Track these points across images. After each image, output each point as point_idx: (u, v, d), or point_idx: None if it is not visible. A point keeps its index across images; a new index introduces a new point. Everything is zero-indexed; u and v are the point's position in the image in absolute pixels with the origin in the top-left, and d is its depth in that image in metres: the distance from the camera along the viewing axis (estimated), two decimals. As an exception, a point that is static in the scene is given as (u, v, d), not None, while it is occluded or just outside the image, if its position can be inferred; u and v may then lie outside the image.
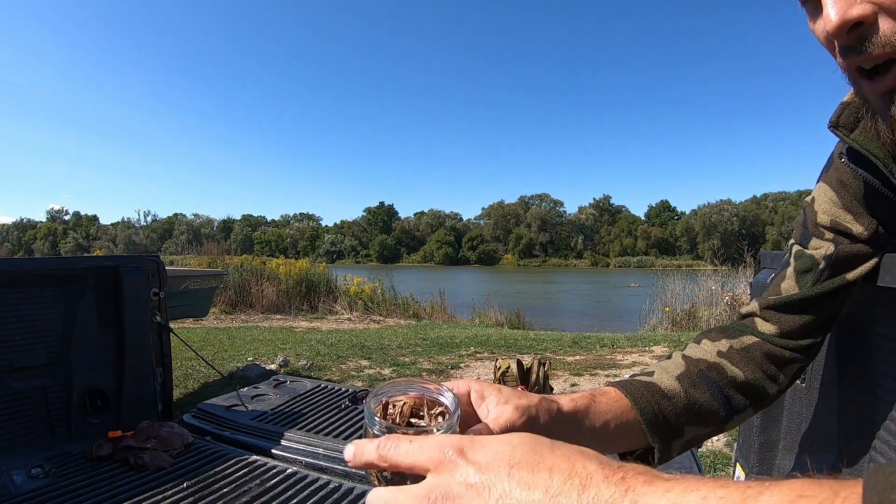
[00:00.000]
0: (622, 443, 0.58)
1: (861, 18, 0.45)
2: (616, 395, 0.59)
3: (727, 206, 67.71)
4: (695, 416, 0.61)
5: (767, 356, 0.66)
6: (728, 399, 0.63)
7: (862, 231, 0.63)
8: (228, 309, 8.47)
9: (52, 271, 1.83)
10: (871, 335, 0.73)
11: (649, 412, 0.58)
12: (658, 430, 0.58)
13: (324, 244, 78.25)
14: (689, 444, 0.62)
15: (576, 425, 0.53)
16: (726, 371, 0.64)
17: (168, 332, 2.06)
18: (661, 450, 0.59)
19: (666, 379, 0.62)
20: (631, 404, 0.58)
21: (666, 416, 0.59)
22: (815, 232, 0.67)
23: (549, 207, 78.76)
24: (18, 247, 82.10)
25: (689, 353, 0.67)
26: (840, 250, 0.64)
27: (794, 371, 0.68)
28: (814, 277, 0.65)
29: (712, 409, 0.62)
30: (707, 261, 37.28)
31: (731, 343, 0.66)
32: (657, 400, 0.60)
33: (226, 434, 1.79)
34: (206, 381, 3.84)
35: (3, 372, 1.65)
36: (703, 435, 0.63)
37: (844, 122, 0.62)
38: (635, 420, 0.58)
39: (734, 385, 0.64)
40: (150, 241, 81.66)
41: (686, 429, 0.61)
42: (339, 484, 1.46)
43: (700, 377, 0.63)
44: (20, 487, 1.40)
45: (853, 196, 0.64)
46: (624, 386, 0.60)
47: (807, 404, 0.88)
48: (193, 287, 5.04)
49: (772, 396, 0.67)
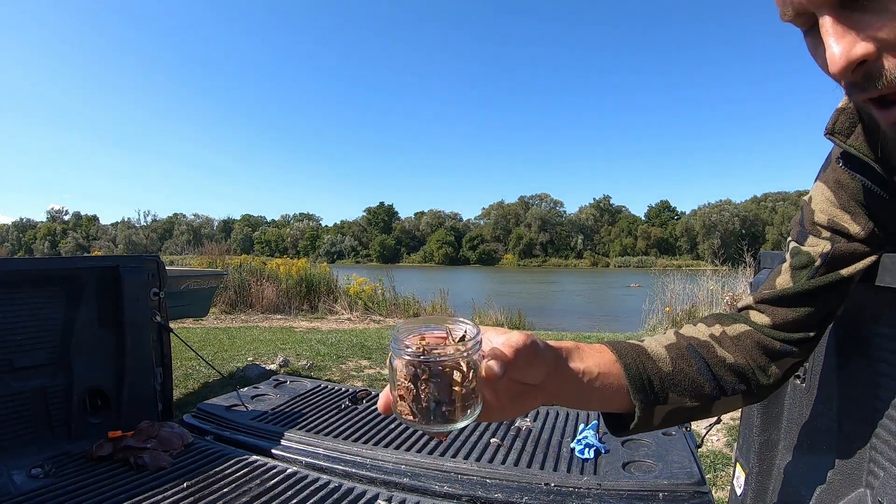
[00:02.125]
0: (604, 397, 0.59)
1: (865, 57, 0.45)
2: (600, 348, 0.60)
3: (727, 206, 67.71)
4: (679, 385, 0.61)
5: (758, 345, 0.66)
6: (716, 377, 0.63)
7: (859, 231, 0.64)
8: (228, 309, 8.46)
9: (52, 271, 1.83)
10: (871, 335, 0.73)
11: (633, 368, 0.59)
12: (640, 389, 0.59)
13: (324, 244, 78.25)
14: (672, 414, 0.62)
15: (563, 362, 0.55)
16: (716, 351, 0.65)
17: (168, 332, 2.06)
18: (641, 411, 0.59)
19: (654, 345, 0.63)
20: (616, 358, 0.59)
21: (650, 377, 0.60)
22: (812, 230, 0.67)
23: (549, 207, 78.75)
24: (18, 247, 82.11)
25: (682, 331, 0.68)
26: (836, 248, 0.64)
27: (788, 366, 0.68)
28: (809, 273, 0.65)
29: (698, 383, 0.62)
30: (707, 261, 37.31)
31: (724, 329, 0.67)
32: (643, 360, 0.60)
33: (226, 434, 1.79)
34: (206, 381, 3.84)
35: (3, 372, 1.65)
36: (688, 408, 0.62)
37: (840, 129, 0.63)
38: (619, 374, 0.58)
39: (723, 366, 0.64)
40: (150, 241, 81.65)
41: (670, 395, 0.61)
42: (339, 484, 1.46)
43: (689, 350, 0.64)
44: (20, 487, 1.40)
45: (850, 196, 0.64)
46: (610, 342, 0.62)
47: (807, 404, 0.88)
48: (193, 287, 5.04)
49: (764, 388, 0.67)
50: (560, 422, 1.89)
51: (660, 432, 1.67)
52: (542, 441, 1.70)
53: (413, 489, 1.44)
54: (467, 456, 1.58)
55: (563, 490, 1.39)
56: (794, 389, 0.92)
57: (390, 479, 1.47)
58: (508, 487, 1.42)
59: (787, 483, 0.89)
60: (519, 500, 1.37)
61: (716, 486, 2.30)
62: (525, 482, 1.43)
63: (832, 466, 0.75)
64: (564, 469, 1.50)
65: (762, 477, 0.97)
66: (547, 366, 0.52)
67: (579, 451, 1.60)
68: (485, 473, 1.47)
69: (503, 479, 1.45)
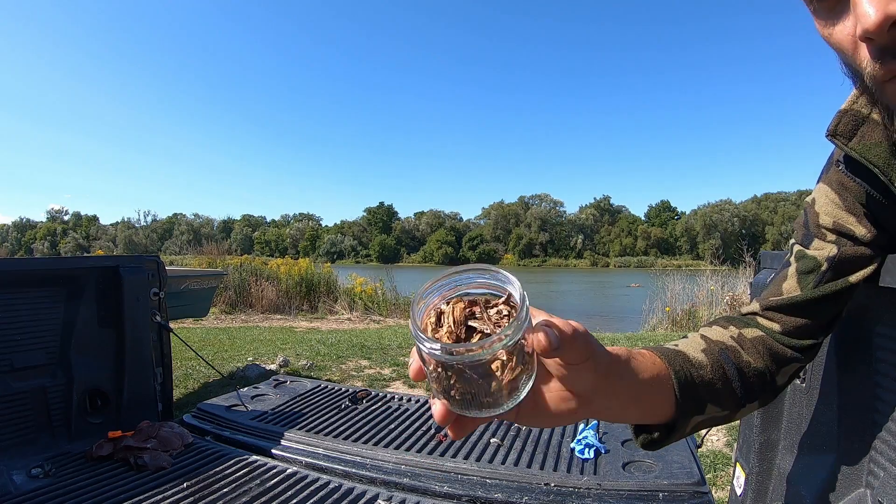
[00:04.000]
0: (647, 408, 0.54)
1: None
2: (651, 357, 0.55)
3: (727, 206, 67.71)
4: (717, 394, 0.59)
5: (770, 352, 0.64)
6: (744, 384, 0.61)
7: (865, 233, 0.63)
8: (228, 309, 8.46)
9: (52, 271, 1.83)
10: (871, 335, 0.73)
11: (682, 376, 0.55)
12: (686, 399, 0.55)
13: (324, 244, 78.24)
14: (702, 424, 0.60)
15: (614, 371, 0.49)
16: (742, 356, 0.62)
17: (168, 332, 2.06)
18: (679, 422, 0.56)
19: (692, 351, 0.60)
20: (666, 366, 0.55)
21: (696, 385, 0.56)
22: (817, 233, 0.66)
23: (549, 207, 78.74)
24: (18, 247, 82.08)
25: (706, 334, 0.65)
26: (843, 252, 0.63)
27: (792, 372, 0.67)
28: (816, 279, 0.64)
29: (731, 389, 0.60)
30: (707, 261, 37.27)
31: (740, 331, 0.65)
32: (688, 367, 0.57)
33: (226, 434, 1.79)
34: (206, 381, 3.84)
35: (3, 372, 1.65)
36: (718, 417, 0.60)
37: (842, 131, 0.61)
38: (668, 383, 0.54)
39: (749, 370, 0.62)
40: (150, 241, 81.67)
41: (707, 406, 0.58)
42: (339, 484, 1.46)
43: (722, 356, 0.61)
44: (20, 487, 1.40)
45: (855, 198, 0.63)
46: (656, 349, 0.58)
47: (807, 404, 0.88)
48: (193, 287, 5.04)
49: (772, 394, 0.66)
50: (560, 422, 1.89)
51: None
52: (542, 441, 1.70)
53: (413, 489, 1.44)
54: (467, 456, 1.58)
55: (563, 490, 1.39)
56: (794, 389, 0.92)
57: (390, 479, 1.47)
58: (508, 487, 1.42)
59: (787, 483, 0.89)
60: (519, 500, 1.37)
61: (716, 486, 2.30)
62: (525, 482, 1.43)
63: (832, 466, 0.75)
64: (564, 469, 1.50)
65: (762, 477, 0.97)
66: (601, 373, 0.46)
67: (579, 451, 1.60)
68: (485, 473, 1.47)
69: (503, 479, 1.45)
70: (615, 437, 1.70)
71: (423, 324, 0.38)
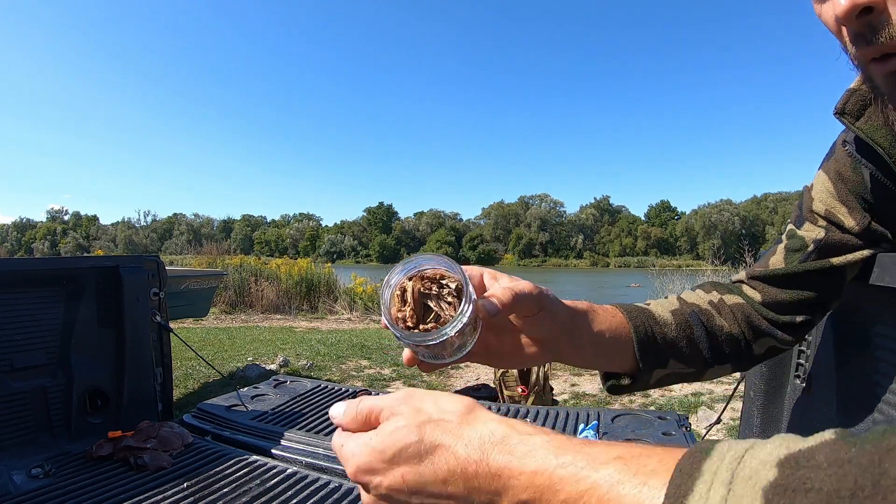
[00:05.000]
0: (609, 357, 0.60)
1: (871, 3, 0.44)
2: (613, 311, 0.61)
3: (727, 206, 67.76)
4: (680, 351, 0.63)
5: (747, 320, 0.67)
6: (714, 346, 0.65)
7: (854, 225, 0.64)
8: (228, 309, 8.47)
9: (52, 271, 1.83)
10: (871, 335, 0.73)
11: (642, 332, 0.60)
12: (646, 353, 0.60)
13: (324, 244, 78.25)
14: (666, 378, 0.64)
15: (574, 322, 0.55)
16: (715, 320, 0.66)
17: (168, 332, 2.06)
18: (643, 373, 0.61)
19: (660, 310, 0.64)
20: (627, 321, 0.60)
21: (656, 342, 0.61)
22: (809, 217, 0.68)
23: (549, 207, 78.79)
24: (18, 247, 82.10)
25: (684, 296, 0.69)
26: (829, 237, 0.65)
27: (766, 348, 0.69)
28: (801, 257, 0.67)
29: (697, 350, 0.64)
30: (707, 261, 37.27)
31: (721, 296, 0.69)
32: (651, 324, 0.61)
33: (226, 434, 1.79)
34: (206, 381, 3.84)
35: (3, 372, 1.65)
36: (682, 374, 0.65)
37: (850, 110, 0.62)
38: (628, 337, 0.60)
39: (721, 334, 0.66)
40: (150, 241, 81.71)
41: (670, 362, 0.62)
42: (339, 484, 1.46)
43: (692, 317, 0.65)
44: (20, 487, 1.40)
45: (850, 189, 0.65)
46: (621, 305, 0.63)
47: (807, 404, 0.88)
48: (193, 287, 5.04)
49: (748, 362, 0.69)
50: (560, 421, 1.89)
51: (660, 433, 1.67)
52: (542, 441, 1.69)
53: (413, 489, 1.44)
54: (467, 456, 1.58)
55: (563, 490, 1.39)
56: (794, 389, 0.92)
57: (390, 479, 1.47)
58: (508, 487, 1.41)
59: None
60: (519, 500, 1.37)
61: (716, 486, 2.30)
62: (525, 482, 1.43)
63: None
64: (564, 469, 1.49)
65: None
66: (558, 323, 0.53)
67: (579, 451, 1.60)
68: (485, 473, 1.47)
69: (503, 479, 1.45)
70: (615, 437, 1.70)
71: (392, 301, 0.49)
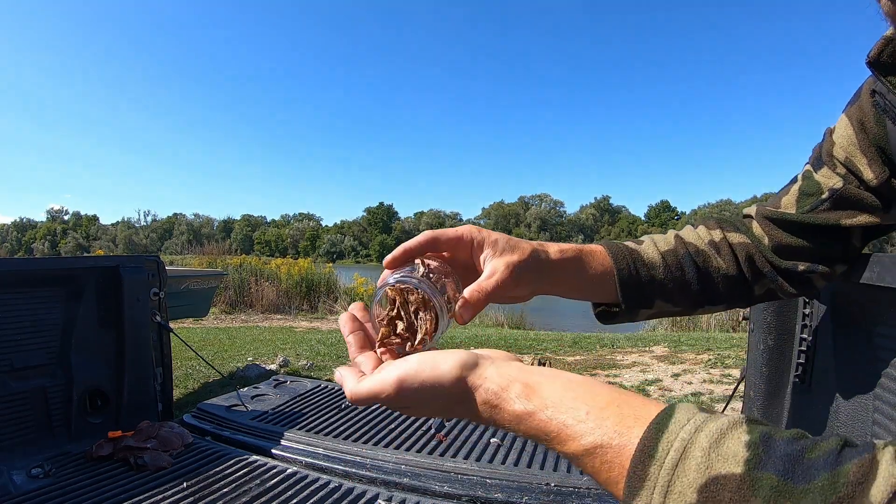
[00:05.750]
0: (595, 293, 0.62)
1: None
2: (601, 255, 0.62)
3: (727, 206, 67.75)
4: (669, 292, 0.64)
5: (750, 261, 0.66)
6: (707, 288, 0.65)
7: (872, 178, 0.62)
8: (228, 309, 8.46)
9: (52, 271, 1.83)
10: (871, 335, 0.73)
11: (626, 274, 0.61)
12: (629, 294, 0.61)
13: (324, 244, 78.22)
14: (654, 315, 0.66)
15: (560, 276, 0.58)
16: (712, 261, 0.66)
17: (168, 332, 2.06)
18: (627, 310, 0.63)
19: (651, 250, 0.64)
20: (611, 262, 0.61)
21: (640, 284, 0.62)
22: (829, 162, 0.66)
23: (549, 207, 78.80)
24: (18, 247, 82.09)
25: (683, 235, 0.69)
26: (847, 189, 0.63)
27: (765, 290, 0.68)
28: (813, 203, 0.65)
29: (688, 291, 0.64)
30: (707, 261, 37.13)
31: (724, 234, 0.68)
32: (637, 266, 0.62)
33: (226, 434, 1.79)
34: (206, 381, 3.84)
35: (3, 372, 1.65)
36: (670, 311, 0.66)
37: (885, 61, 0.57)
38: (612, 280, 0.61)
39: (717, 275, 0.65)
40: (150, 241, 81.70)
41: (656, 302, 0.64)
42: (339, 484, 1.46)
43: (685, 258, 0.65)
44: (20, 487, 1.40)
45: (871, 140, 0.62)
46: (610, 247, 0.63)
47: (807, 404, 0.88)
48: (193, 287, 5.04)
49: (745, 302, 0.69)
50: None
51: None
52: (542, 441, 1.69)
53: (413, 489, 1.44)
54: (467, 456, 1.58)
55: (563, 490, 1.39)
56: (795, 389, 0.92)
57: (390, 479, 1.47)
58: (508, 487, 1.42)
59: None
60: (519, 500, 1.37)
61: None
62: (525, 482, 1.43)
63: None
64: (564, 469, 1.49)
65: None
66: (543, 283, 0.56)
67: (579, 451, 1.60)
68: (485, 473, 1.47)
69: (503, 479, 1.45)
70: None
71: (383, 301, 0.51)
